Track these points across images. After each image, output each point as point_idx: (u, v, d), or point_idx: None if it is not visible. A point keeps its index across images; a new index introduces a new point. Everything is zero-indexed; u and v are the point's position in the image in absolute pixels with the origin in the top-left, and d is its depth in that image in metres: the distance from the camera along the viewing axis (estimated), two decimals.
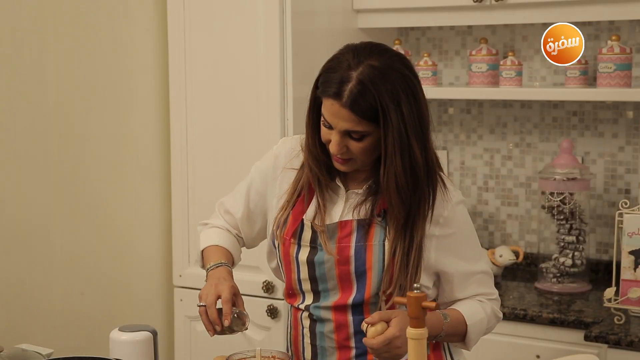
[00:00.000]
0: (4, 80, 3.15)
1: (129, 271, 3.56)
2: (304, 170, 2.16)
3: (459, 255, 2.11)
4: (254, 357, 2.01)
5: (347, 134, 1.99)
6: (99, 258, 3.47)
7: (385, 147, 1.97)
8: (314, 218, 2.12)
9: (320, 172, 2.11)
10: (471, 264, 2.13)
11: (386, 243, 2.06)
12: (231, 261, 2.27)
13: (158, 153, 3.56)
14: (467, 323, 2.11)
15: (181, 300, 3.49)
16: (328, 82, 1.98)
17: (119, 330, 2.10)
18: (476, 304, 2.14)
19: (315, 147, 2.09)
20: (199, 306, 2.06)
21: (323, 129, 2.04)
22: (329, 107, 1.99)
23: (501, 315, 2.21)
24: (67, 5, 3.32)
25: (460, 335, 2.11)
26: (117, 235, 3.53)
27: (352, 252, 2.07)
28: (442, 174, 2.11)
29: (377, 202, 2.08)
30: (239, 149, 3.30)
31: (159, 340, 2.12)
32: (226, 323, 2.03)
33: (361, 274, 2.07)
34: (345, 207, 2.11)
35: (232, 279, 2.16)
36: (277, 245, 2.18)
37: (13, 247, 3.21)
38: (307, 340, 2.17)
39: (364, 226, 2.08)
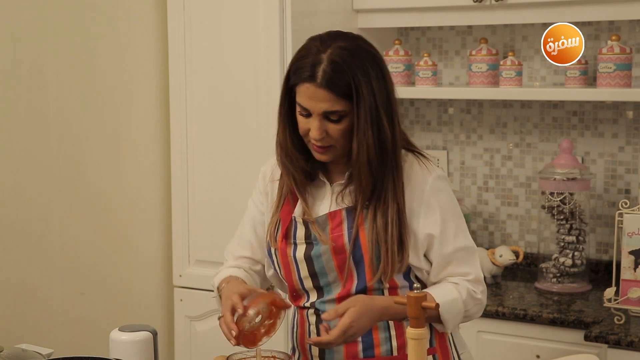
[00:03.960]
0: (4, 81, 3.15)
1: (129, 271, 3.56)
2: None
3: (441, 230, 2.10)
4: (254, 357, 2.01)
5: (325, 117, 2.03)
6: (99, 258, 3.47)
7: (358, 121, 2.02)
8: (303, 214, 2.14)
9: (293, 167, 2.13)
10: (451, 241, 2.12)
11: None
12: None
13: (158, 153, 3.56)
14: (437, 301, 2.05)
15: (181, 300, 3.49)
16: (301, 68, 2.04)
17: (119, 330, 2.10)
18: (449, 285, 2.12)
19: (287, 142, 2.13)
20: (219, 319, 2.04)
21: (301, 120, 2.07)
22: (304, 92, 2.03)
23: (479, 296, 2.13)
24: (67, 5, 3.32)
25: (434, 316, 2.08)
26: (117, 236, 3.53)
27: (345, 239, 2.09)
28: (420, 150, 2.17)
29: None
30: (239, 149, 3.30)
31: (159, 340, 2.12)
32: (240, 311, 1.98)
33: (359, 260, 2.08)
34: (332, 200, 2.14)
35: (244, 283, 2.14)
36: (273, 252, 2.18)
37: (13, 248, 3.21)
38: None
39: (353, 212, 2.10)
